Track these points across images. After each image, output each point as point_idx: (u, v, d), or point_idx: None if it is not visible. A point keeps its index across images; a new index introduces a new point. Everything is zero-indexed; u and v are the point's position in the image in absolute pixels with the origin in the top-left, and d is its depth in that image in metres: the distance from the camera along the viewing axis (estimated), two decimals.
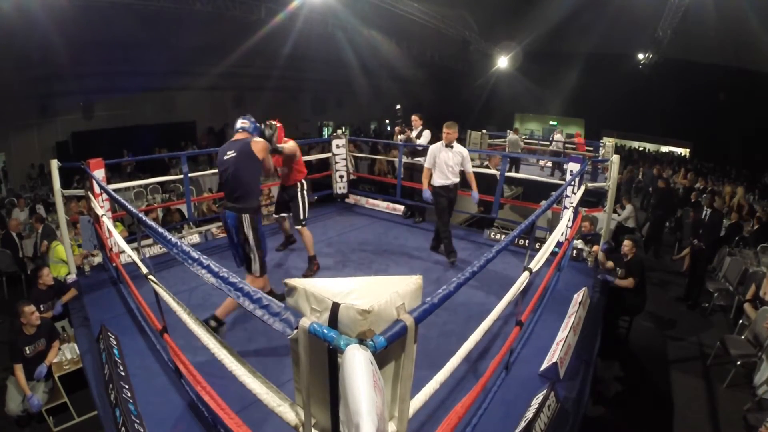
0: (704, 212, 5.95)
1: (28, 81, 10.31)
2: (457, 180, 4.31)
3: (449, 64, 19.11)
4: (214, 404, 1.77)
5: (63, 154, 10.56)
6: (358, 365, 0.99)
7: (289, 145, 3.77)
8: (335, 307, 1.19)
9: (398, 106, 5.88)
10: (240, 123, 3.06)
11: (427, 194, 4.32)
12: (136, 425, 2.04)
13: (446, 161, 4.22)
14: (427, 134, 5.61)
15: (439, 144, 4.25)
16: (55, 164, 3.80)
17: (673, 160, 17.89)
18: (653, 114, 17.90)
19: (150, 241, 4.25)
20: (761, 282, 4.88)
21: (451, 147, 4.23)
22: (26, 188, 10.37)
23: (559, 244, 3.77)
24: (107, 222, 3.61)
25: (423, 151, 5.78)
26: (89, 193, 3.91)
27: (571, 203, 4.13)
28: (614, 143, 11.37)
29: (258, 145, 2.91)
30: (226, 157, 2.92)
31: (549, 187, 6.39)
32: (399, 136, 5.70)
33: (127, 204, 2.60)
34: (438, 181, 4.27)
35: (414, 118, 5.67)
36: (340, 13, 12.49)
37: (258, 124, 3.19)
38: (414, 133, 5.59)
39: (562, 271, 3.89)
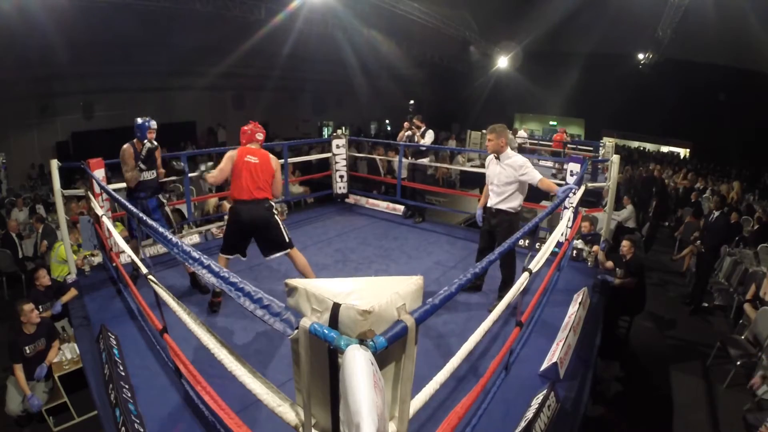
0: (711, 215, 5.89)
1: (28, 81, 10.31)
2: (504, 206, 3.30)
3: (449, 64, 19.13)
4: (214, 404, 1.77)
5: (63, 154, 10.57)
6: (358, 366, 0.99)
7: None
8: (336, 307, 1.19)
9: (411, 101, 5.92)
10: None
11: (478, 214, 3.59)
12: (136, 425, 2.04)
13: (491, 176, 3.36)
14: (430, 134, 5.62)
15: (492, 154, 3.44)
16: (55, 164, 3.80)
17: (672, 160, 17.92)
18: (653, 114, 17.89)
19: (150, 241, 4.25)
20: (761, 282, 4.89)
21: (498, 158, 3.31)
22: (26, 188, 10.37)
23: (559, 245, 3.77)
24: (107, 222, 3.61)
25: (426, 152, 5.79)
26: (89, 193, 3.91)
27: (571, 203, 4.13)
28: (614, 143, 11.37)
29: None
30: None
31: None
32: (407, 132, 5.69)
33: (127, 203, 2.60)
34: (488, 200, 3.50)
35: (415, 120, 5.69)
36: (340, 13, 12.50)
37: (144, 123, 3.57)
38: (418, 134, 5.60)
39: (562, 271, 3.89)
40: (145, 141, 3.57)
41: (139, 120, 3.57)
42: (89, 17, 9.27)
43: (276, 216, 3.22)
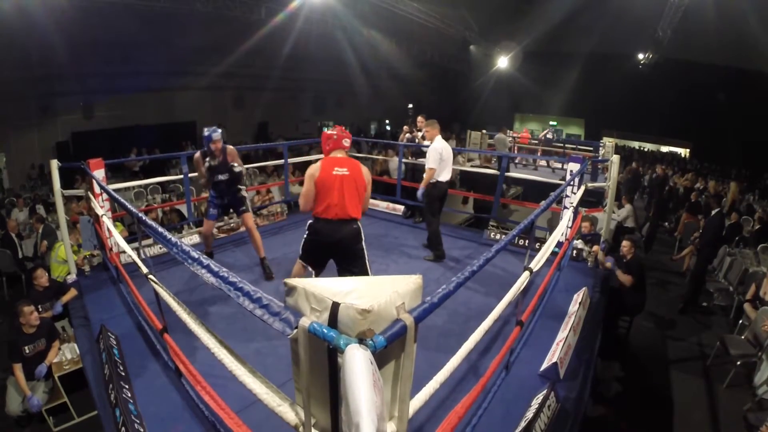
0: (710, 213, 5.94)
1: (28, 81, 10.31)
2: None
3: (449, 64, 19.14)
4: (214, 404, 1.77)
5: (63, 154, 10.57)
6: (358, 365, 0.99)
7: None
8: (335, 306, 1.19)
9: (410, 106, 5.94)
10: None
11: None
12: (136, 425, 2.04)
13: None
14: None
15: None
16: (55, 164, 3.80)
17: (673, 160, 17.92)
18: (653, 114, 17.90)
19: (150, 241, 4.25)
20: (761, 282, 4.88)
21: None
22: (26, 188, 10.37)
23: (559, 244, 3.77)
24: (107, 222, 3.61)
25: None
26: (89, 193, 3.91)
27: (571, 203, 4.13)
28: (614, 143, 11.39)
29: None
30: None
31: (549, 188, 6.38)
32: (406, 135, 5.72)
33: (127, 204, 2.60)
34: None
35: (419, 119, 5.69)
36: (340, 13, 12.50)
37: (208, 135, 3.73)
38: (420, 134, 5.60)
39: (562, 271, 3.89)
40: (207, 159, 3.76)
41: (205, 131, 3.74)
42: (89, 17, 9.28)
43: (363, 243, 2.79)
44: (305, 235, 2.84)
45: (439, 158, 4.19)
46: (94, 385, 2.52)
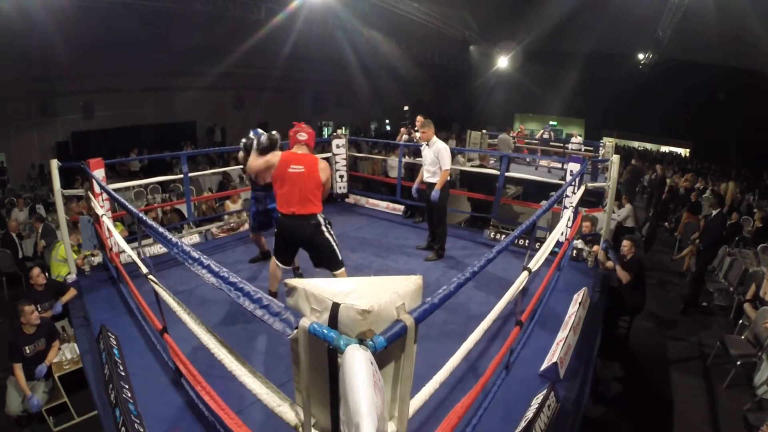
0: (710, 214, 5.93)
1: (28, 81, 10.30)
2: (432, 180, 4.34)
3: (449, 64, 19.12)
4: (214, 404, 1.77)
5: (63, 154, 10.58)
6: (358, 365, 0.99)
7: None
8: (335, 307, 1.19)
9: (406, 107, 5.90)
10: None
11: (414, 188, 4.65)
12: (136, 425, 2.04)
13: (424, 159, 4.45)
14: None
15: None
16: (55, 164, 3.80)
17: (673, 160, 17.93)
18: (653, 114, 17.90)
19: (150, 240, 4.25)
20: (761, 282, 4.88)
21: (428, 145, 4.36)
22: (26, 188, 10.37)
23: (559, 244, 3.77)
24: (107, 222, 3.61)
25: None
26: (89, 192, 3.91)
27: (571, 203, 4.13)
28: (614, 143, 11.39)
29: None
30: None
31: (549, 187, 6.39)
32: (404, 137, 5.73)
33: (127, 204, 2.60)
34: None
35: (418, 119, 5.69)
36: (340, 13, 12.50)
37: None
38: (418, 134, 5.61)
39: (562, 271, 3.89)
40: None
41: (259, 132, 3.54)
42: (89, 17, 9.26)
43: (325, 233, 2.92)
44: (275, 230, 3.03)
45: (452, 158, 4.27)
46: (94, 385, 2.52)
